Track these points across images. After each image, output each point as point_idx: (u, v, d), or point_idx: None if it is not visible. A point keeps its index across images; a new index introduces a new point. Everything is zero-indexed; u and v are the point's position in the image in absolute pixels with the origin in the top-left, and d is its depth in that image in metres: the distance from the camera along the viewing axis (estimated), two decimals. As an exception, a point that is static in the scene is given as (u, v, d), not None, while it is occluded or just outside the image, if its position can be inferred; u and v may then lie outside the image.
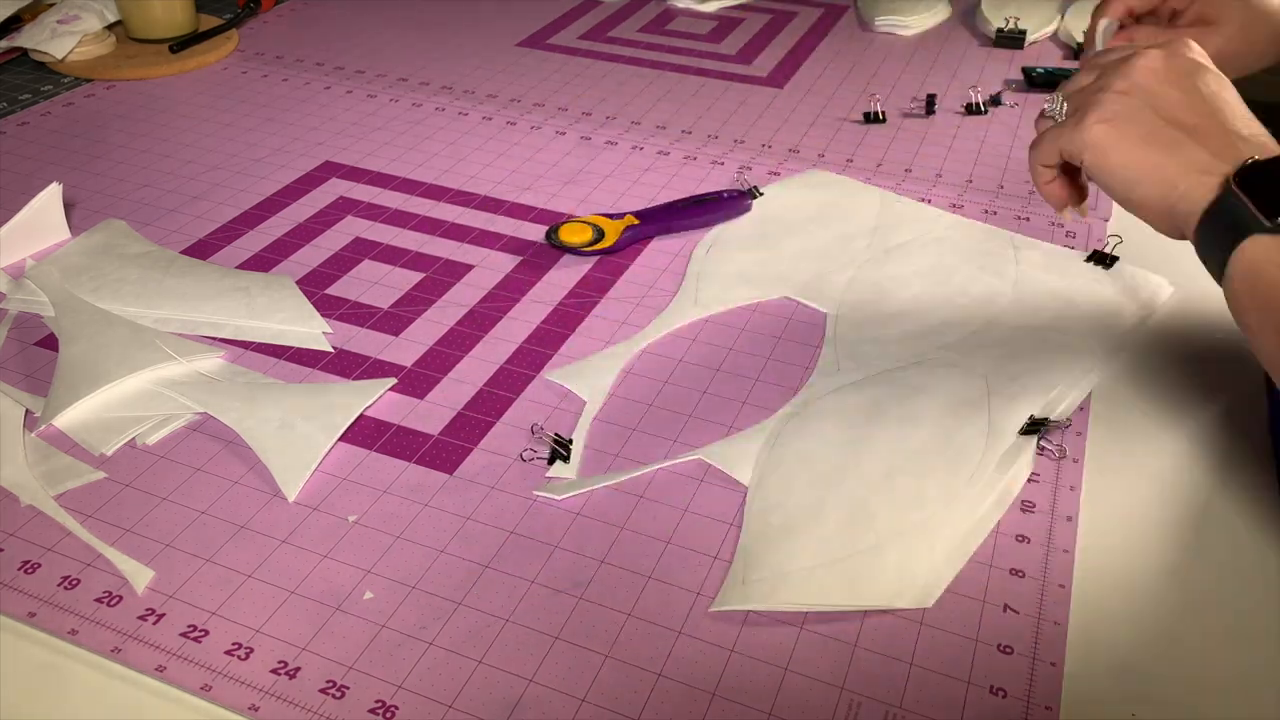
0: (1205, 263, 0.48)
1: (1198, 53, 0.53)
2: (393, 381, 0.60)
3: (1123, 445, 0.58)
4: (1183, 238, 0.49)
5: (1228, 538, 0.52)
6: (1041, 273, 0.71)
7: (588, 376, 0.61)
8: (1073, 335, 0.64)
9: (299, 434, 0.56)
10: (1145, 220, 0.51)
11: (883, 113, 0.93)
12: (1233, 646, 0.47)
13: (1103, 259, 0.72)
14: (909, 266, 0.71)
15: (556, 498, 0.53)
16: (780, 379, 0.62)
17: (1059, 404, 0.59)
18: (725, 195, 0.78)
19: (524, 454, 0.56)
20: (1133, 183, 0.50)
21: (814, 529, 0.50)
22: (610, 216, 0.74)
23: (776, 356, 0.64)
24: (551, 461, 0.55)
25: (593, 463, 0.55)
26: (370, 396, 0.59)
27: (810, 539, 0.50)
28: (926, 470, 0.53)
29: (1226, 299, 0.47)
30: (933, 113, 0.94)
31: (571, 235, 0.72)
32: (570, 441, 0.56)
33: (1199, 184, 0.47)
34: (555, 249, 0.73)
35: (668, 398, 0.60)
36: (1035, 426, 0.56)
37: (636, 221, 0.74)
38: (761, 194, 0.80)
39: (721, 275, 0.71)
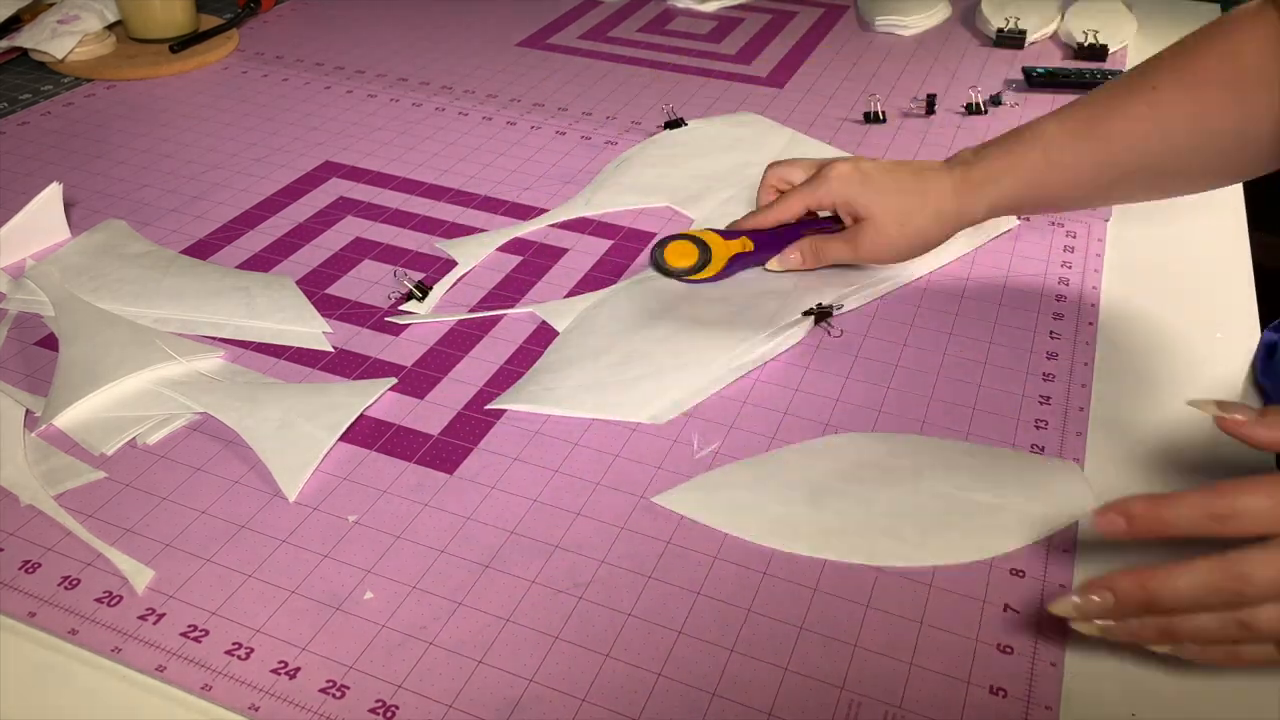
0: None
1: None
2: (393, 381, 0.60)
3: (1122, 445, 0.58)
4: None
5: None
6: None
7: (469, 247, 0.73)
8: None
9: (300, 433, 0.56)
10: None
11: (883, 113, 0.93)
12: (1233, 646, 0.47)
13: None
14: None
15: (401, 324, 0.63)
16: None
17: (850, 298, 0.68)
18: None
19: (388, 296, 0.67)
20: None
21: (591, 363, 0.61)
22: (725, 235, 0.69)
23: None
24: (406, 300, 0.66)
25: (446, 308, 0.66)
26: (370, 396, 0.59)
27: (585, 368, 0.61)
28: (708, 335, 0.63)
29: None
30: (933, 113, 0.94)
31: (676, 258, 0.68)
32: (429, 289, 0.67)
33: None
34: (658, 269, 0.69)
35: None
36: (820, 313, 0.65)
37: (751, 248, 0.69)
38: (686, 124, 0.90)
39: (617, 184, 0.81)
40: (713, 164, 0.84)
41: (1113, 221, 0.78)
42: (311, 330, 0.65)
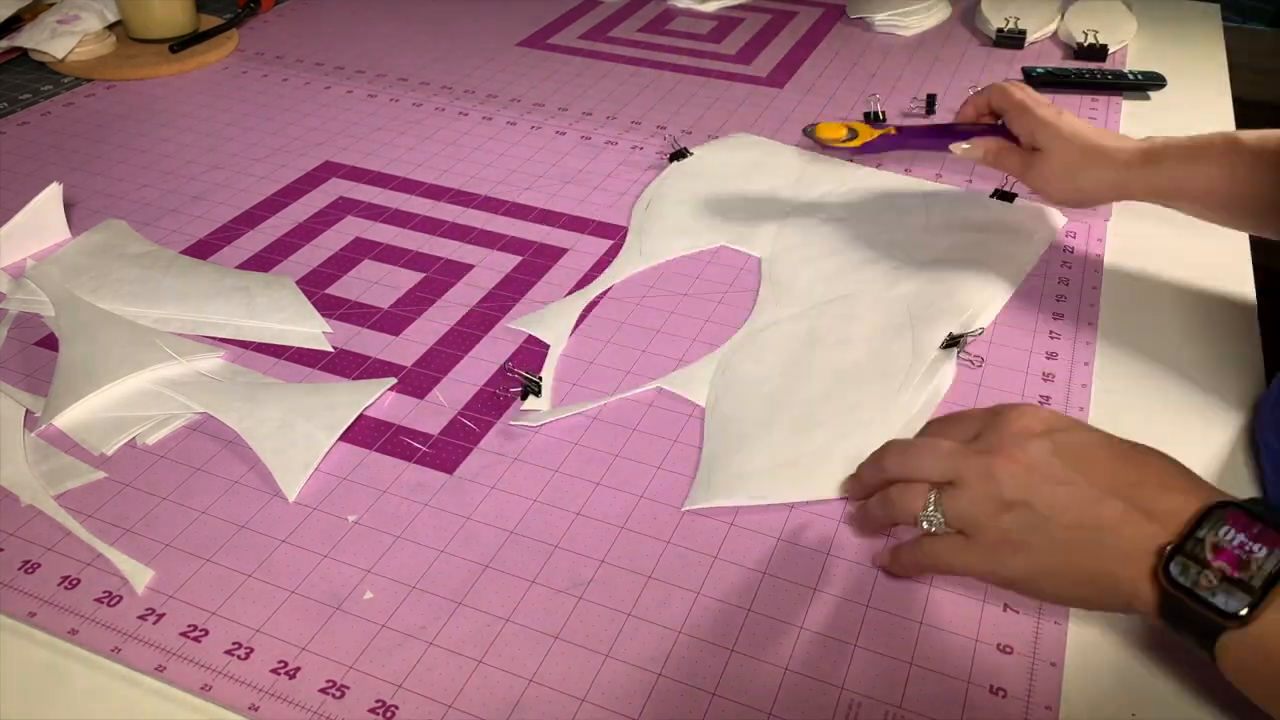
0: (1192, 651, 0.41)
1: (1039, 424, 0.45)
2: (393, 381, 0.60)
3: (1123, 445, 0.58)
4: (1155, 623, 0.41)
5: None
6: (951, 210, 0.78)
7: (548, 322, 0.66)
8: (981, 262, 0.71)
9: (299, 433, 0.56)
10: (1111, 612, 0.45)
11: (883, 113, 0.93)
12: (1233, 646, 0.47)
13: (1005, 195, 0.80)
14: (831, 213, 0.78)
15: (532, 425, 0.58)
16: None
17: (973, 322, 0.66)
18: (980, 127, 0.76)
19: (498, 392, 0.60)
20: (1080, 599, 0.43)
21: (767, 436, 0.57)
22: (870, 122, 0.83)
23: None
24: (524, 397, 0.59)
25: (561, 396, 0.61)
26: (370, 396, 0.59)
27: (765, 444, 0.56)
28: (861, 384, 0.60)
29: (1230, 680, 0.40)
30: (933, 112, 0.94)
31: (827, 131, 0.83)
32: (540, 379, 0.61)
33: (1140, 577, 0.40)
34: (811, 141, 0.84)
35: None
36: (953, 342, 0.63)
37: (894, 131, 0.82)
38: (691, 154, 0.86)
39: (660, 229, 0.77)
40: (741, 194, 0.81)
41: (1113, 221, 0.78)
42: (311, 330, 0.65)
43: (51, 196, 0.72)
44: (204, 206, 0.79)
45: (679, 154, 0.85)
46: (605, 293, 0.69)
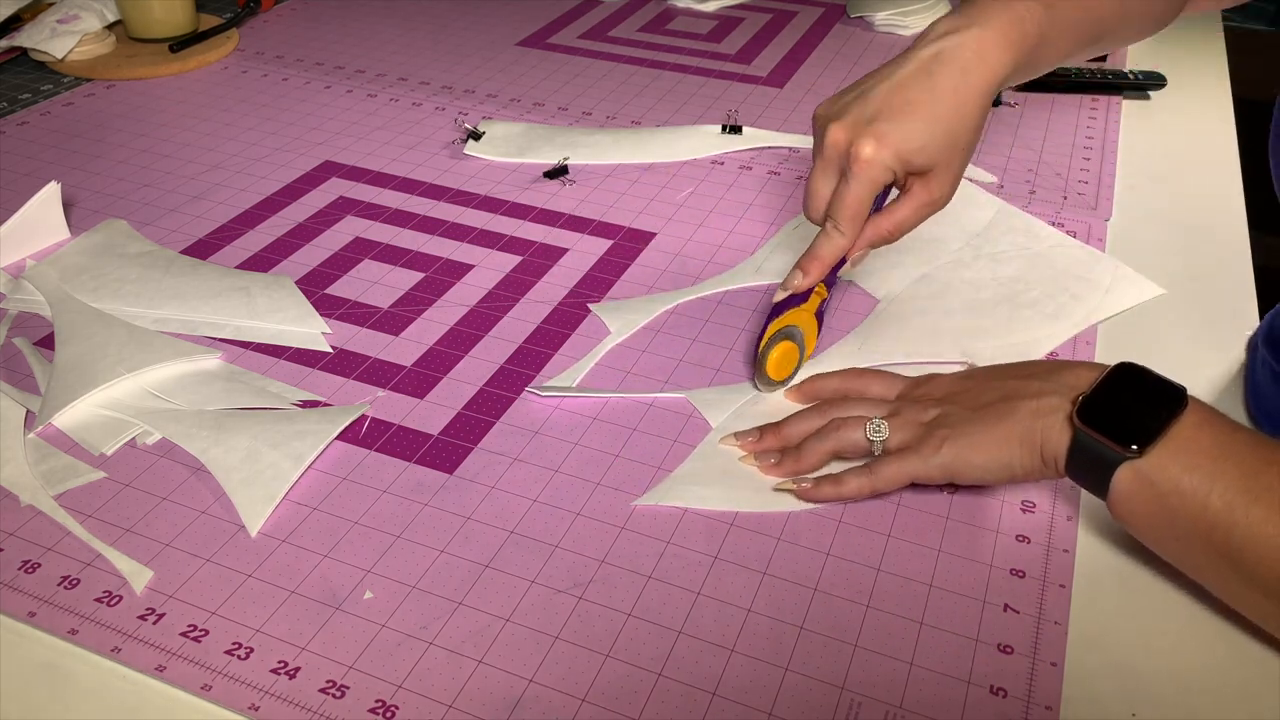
0: (1086, 488, 0.48)
1: (949, 376, 0.55)
2: (366, 407, 0.59)
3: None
4: (1061, 475, 0.48)
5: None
6: (1120, 307, 0.68)
7: (624, 313, 0.67)
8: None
9: (265, 464, 0.54)
10: (1029, 481, 0.52)
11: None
12: (1233, 646, 0.47)
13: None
14: (989, 273, 0.70)
15: (541, 395, 0.59)
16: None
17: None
18: None
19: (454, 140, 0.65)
20: (1003, 465, 0.49)
21: (750, 477, 0.55)
22: (798, 301, 0.59)
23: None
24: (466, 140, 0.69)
25: (593, 379, 0.61)
26: (341, 423, 0.57)
27: (742, 479, 0.55)
28: None
29: (1115, 519, 0.47)
30: None
31: (780, 370, 0.59)
32: (483, 132, 0.66)
33: (1051, 427, 0.48)
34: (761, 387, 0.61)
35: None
36: None
37: (826, 294, 0.61)
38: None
39: (794, 251, 0.71)
40: (913, 232, 0.69)
41: (1113, 221, 0.78)
42: (311, 330, 0.65)
43: (50, 196, 0.72)
44: (204, 206, 0.79)
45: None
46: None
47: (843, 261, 0.59)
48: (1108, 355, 0.64)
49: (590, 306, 0.67)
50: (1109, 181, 0.83)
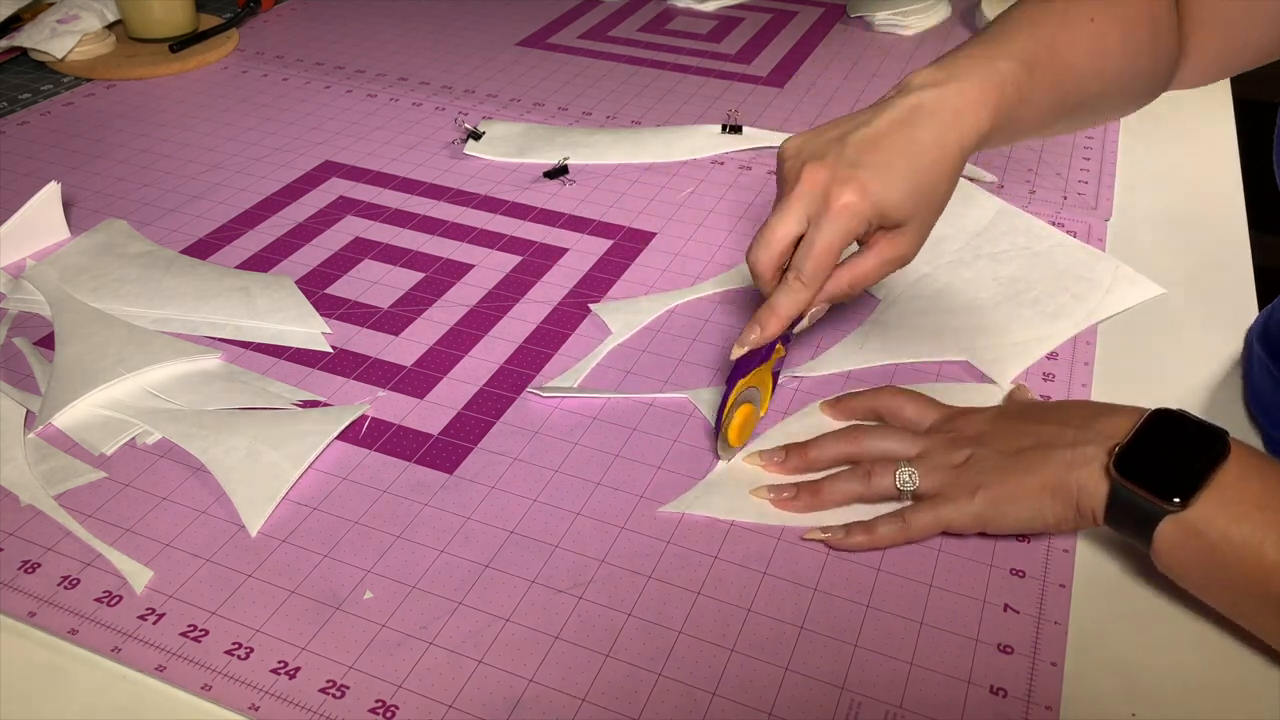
0: (1128, 540, 0.47)
1: (983, 412, 0.54)
2: (366, 407, 0.59)
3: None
4: (1099, 525, 0.47)
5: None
6: (1120, 307, 0.68)
7: (625, 314, 0.67)
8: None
9: (265, 464, 0.54)
10: (1061, 532, 0.50)
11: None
12: (1233, 646, 0.47)
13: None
14: (989, 273, 0.70)
15: (542, 395, 0.59)
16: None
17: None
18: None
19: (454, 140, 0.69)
20: (1038, 516, 0.48)
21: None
22: (755, 360, 0.54)
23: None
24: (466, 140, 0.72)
25: (594, 379, 0.60)
26: (341, 424, 0.57)
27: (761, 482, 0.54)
28: None
29: (1160, 569, 0.46)
30: None
31: (739, 435, 0.55)
32: (483, 132, 0.67)
33: (1088, 478, 0.46)
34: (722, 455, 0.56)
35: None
36: None
37: (783, 352, 0.57)
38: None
39: None
40: None
41: (1113, 221, 0.78)
42: (311, 330, 0.65)
43: (50, 195, 0.72)
44: (204, 206, 0.79)
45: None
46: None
47: (800, 319, 0.54)
48: (1108, 355, 0.64)
49: (591, 307, 0.67)
50: (1109, 181, 0.83)
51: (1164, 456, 0.45)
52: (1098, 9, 0.56)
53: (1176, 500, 0.43)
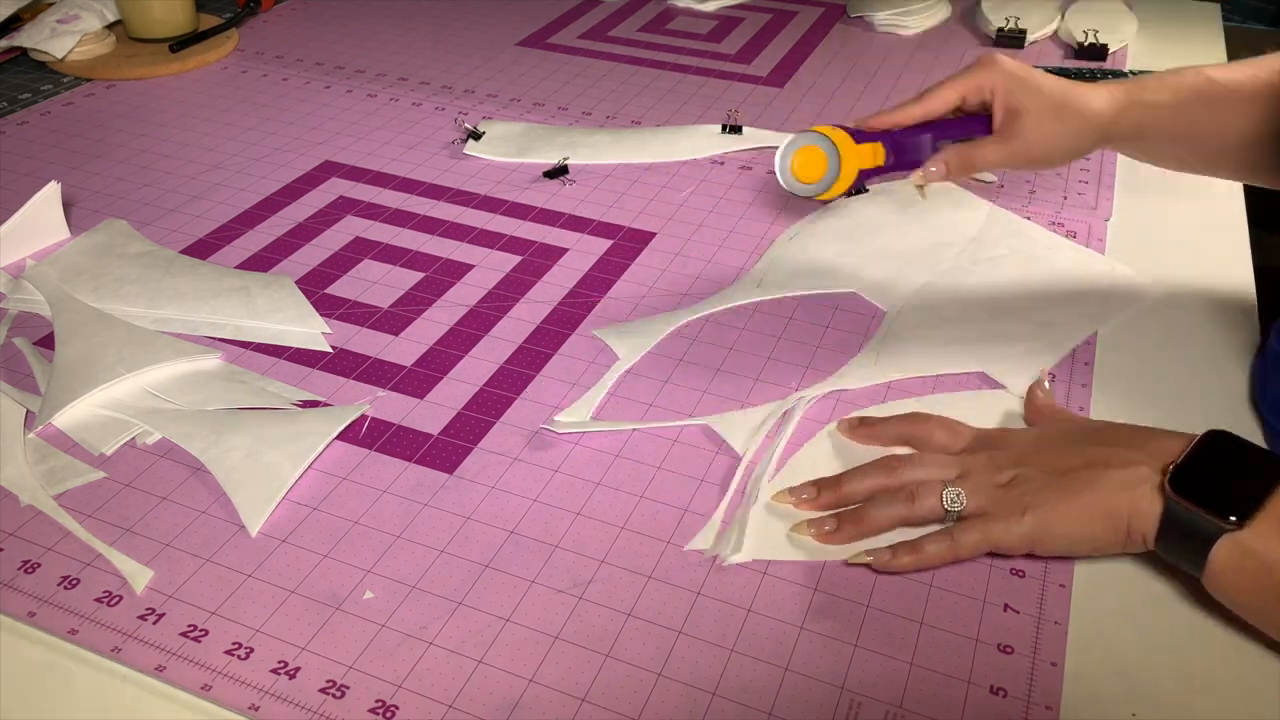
0: (1178, 563, 0.46)
1: (1017, 433, 0.55)
2: (366, 407, 0.59)
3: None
4: (1148, 548, 0.47)
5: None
6: (1121, 310, 0.68)
7: (629, 336, 0.65)
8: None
9: (265, 463, 0.54)
10: (1110, 554, 0.49)
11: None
12: (1233, 646, 0.47)
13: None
14: (992, 279, 0.70)
15: (557, 432, 0.56)
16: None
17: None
18: (960, 119, 0.70)
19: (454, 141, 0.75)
20: (1088, 538, 0.47)
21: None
22: (856, 136, 0.66)
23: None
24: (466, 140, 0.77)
25: (609, 411, 0.58)
26: (341, 423, 0.57)
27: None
28: None
29: (1211, 591, 0.45)
30: None
31: (806, 171, 0.66)
32: (483, 132, 0.71)
33: (1140, 499, 0.46)
34: (784, 180, 0.67)
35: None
36: None
37: (882, 159, 0.66)
38: (867, 190, 0.78)
39: (793, 263, 0.72)
40: (900, 242, 0.73)
41: (1113, 221, 0.78)
42: (311, 330, 0.65)
43: (50, 195, 0.72)
44: (204, 206, 0.79)
45: (854, 190, 0.75)
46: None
47: (913, 155, 0.67)
48: (1108, 355, 0.64)
49: (594, 332, 0.65)
50: (1109, 181, 0.83)
51: (1219, 477, 0.44)
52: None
53: (1233, 519, 0.43)
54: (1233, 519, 0.43)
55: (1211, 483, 0.44)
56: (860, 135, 0.63)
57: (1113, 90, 0.66)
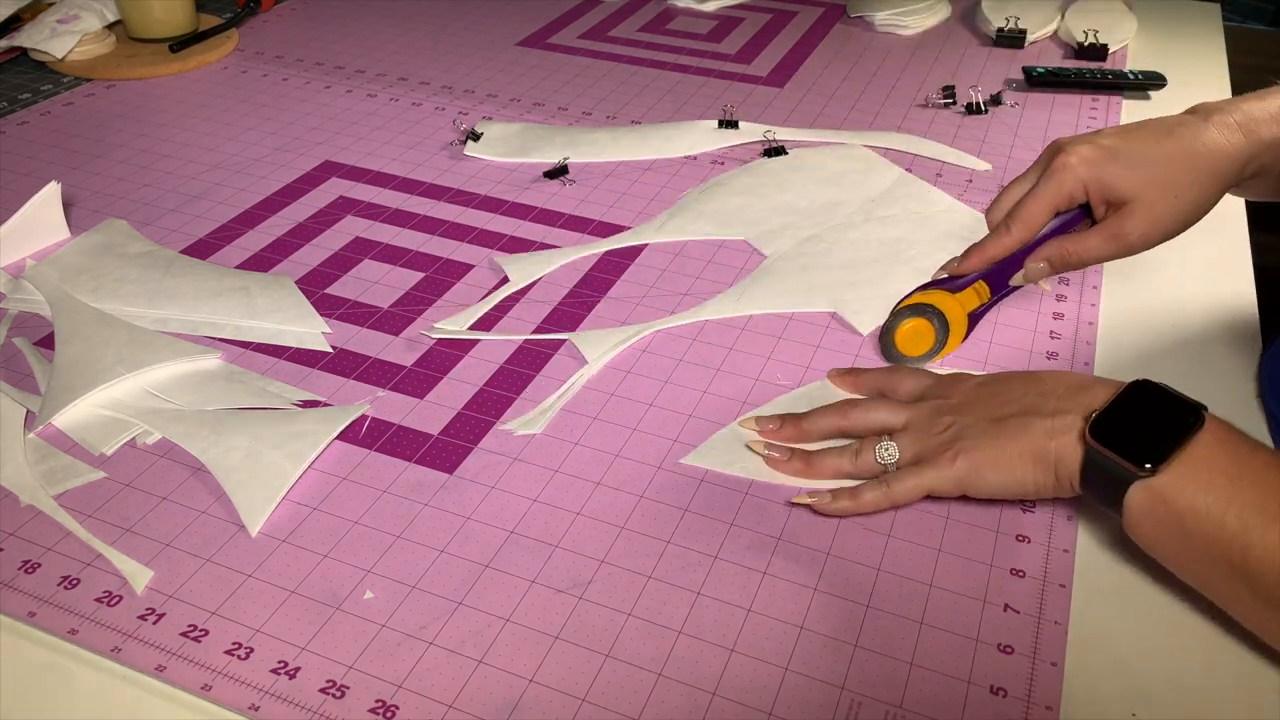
0: (1103, 507, 0.47)
1: (971, 379, 0.55)
2: (366, 407, 0.59)
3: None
4: (1076, 493, 0.48)
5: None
6: None
7: (527, 265, 0.71)
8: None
9: (265, 463, 0.54)
10: (1044, 498, 0.50)
11: (982, 103, 0.95)
12: (1233, 646, 0.47)
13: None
14: (875, 234, 0.74)
15: (515, 432, 0.57)
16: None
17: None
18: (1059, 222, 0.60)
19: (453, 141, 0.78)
20: (1017, 482, 0.49)
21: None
22: (951, 288, 0.60)
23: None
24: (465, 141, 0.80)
25: (574, 404, 0.57)
26: (341, 423, 0.57)
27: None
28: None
29: (1132, 537, 0.47)
30: (953, 100, 0.95)
31: (912, 346, 0.60)
32: (482, 133, 0.77)
33: (1064, 445, 0.47)
34: (889, 359, 0.61)
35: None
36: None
37: (987, 296, 0.60)
38: (787, 153, 0.85)
39: (697, 211, 0.77)
40: (800, 199, 0.78)
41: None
42: (311, 330, 0.65)
43: (50, 195, 0.72)
44: (204, 206, 0.79)
45: (773, 150, 0.86)
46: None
47: (1015, 268, 0.59)
48: (1107, 357, 0.64)
49: (495, 258, 0.71)
50: (1109, 181, 0.83)
51: (1139, 425, 0.46)
52: None
53: (1148, 466, 0.44)
54: (1147, 465, 0.44)
55: (1130, 430, 0.46)
56: (956, 283, 0.59)
57: (1227, 133, 0.57)
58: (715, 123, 0.90)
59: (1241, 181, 0.59)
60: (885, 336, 0.61)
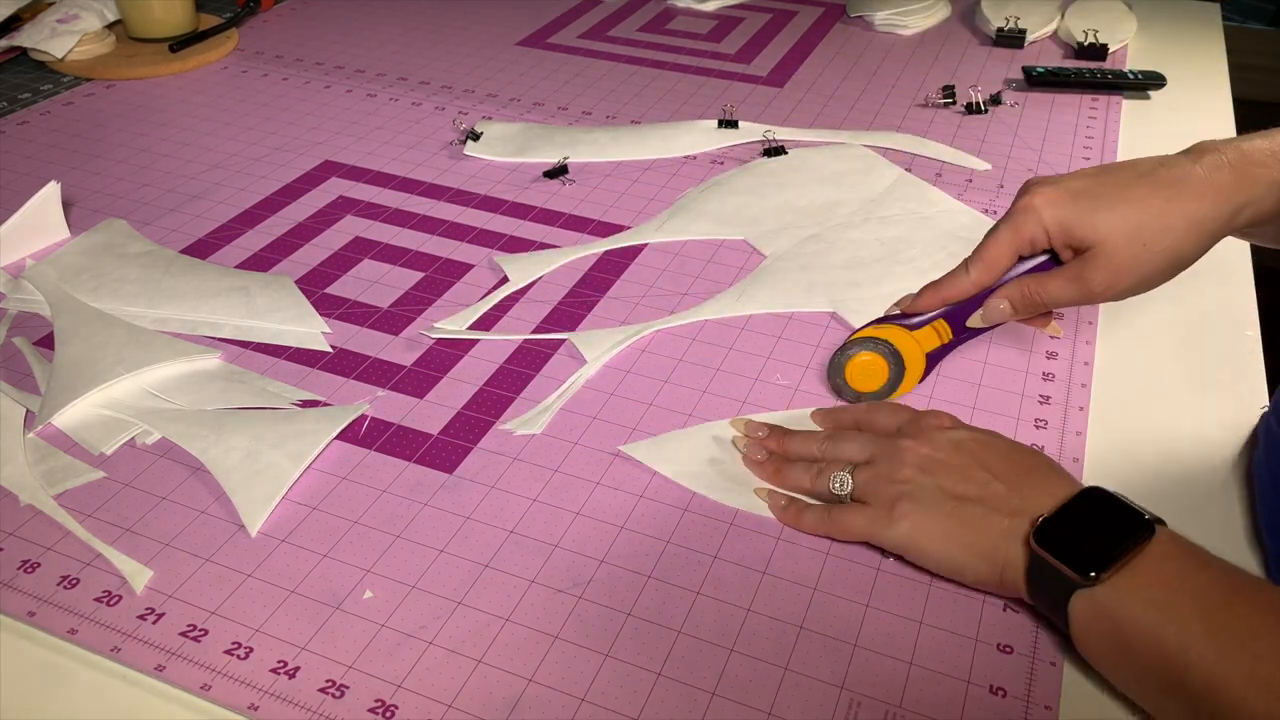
0: (1049, 615, 0.46)
1: (949, 422, 0.53)
2: (365, 407, 0.59)
3: (1122, 445, 0.58)
4: (1020, 595, 0.46)
5: (1229, 537, 0.52)
6: None
7: (526, 265, 0.71)
8: None
9: (264, 463, 0.54)
10: (985, 590, 0.48)
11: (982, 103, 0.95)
12: (1233, 646, 0.47)
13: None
14: (875, 234, 0.74)
15: (515, 432, 0.57)
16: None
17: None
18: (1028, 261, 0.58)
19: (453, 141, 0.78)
20: (956, 569, 0.48)
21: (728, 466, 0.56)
22: (910, 325, 0.58)
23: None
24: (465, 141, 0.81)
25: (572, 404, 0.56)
26: (341, 423, 0.57)
27: (722, 465, 0.56)
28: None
29: (1079, 650, 0.45)
30: (953, 100, 0.95)
31: (863, 382, 0.58)
32: (481, 133, 0.78)
33: (1013, 550, 0.46)
34: (838, 394, 0.59)
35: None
36: None
37: (949, 336, 0.58)
38: (787, 152, 0.85)
39: (696, 211, 0.78)
40: (800, 199, 0.78)
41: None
42: (310, 330, 0.65)
43: (50, 195, 0.72)
44: (204, 206, 0.79)
45: (773, 150, 0.86)
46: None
47: (972, 309, 0.57)
48: (1108, 360, 0.64)
49: (495, 258, 0.71)
50: (1109, 181, 0.83)
51: (1085, 532, 0.44)
52: None
53: (1092, 574, 0.42)
54: (1091, 574, 0.42)
55: (1075, 538, 0.44)
56: (912, 321, 0.57)
57: (1216, 174, 0.53)
58: (715, 123, 0.90)
59: (1237, 230, 0.54)
60: (835, 368, 0.58)
